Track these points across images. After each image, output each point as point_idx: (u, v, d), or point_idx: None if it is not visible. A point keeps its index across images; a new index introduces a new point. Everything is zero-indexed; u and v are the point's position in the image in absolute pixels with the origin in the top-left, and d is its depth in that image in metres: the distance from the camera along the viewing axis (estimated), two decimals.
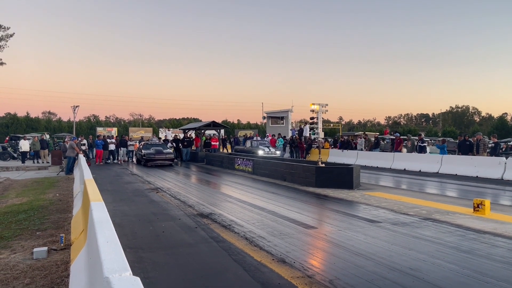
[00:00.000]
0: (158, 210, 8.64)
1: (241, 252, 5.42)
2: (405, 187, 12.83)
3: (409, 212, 8.15)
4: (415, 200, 9.74)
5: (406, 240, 6.02)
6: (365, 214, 8.01)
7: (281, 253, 5.34)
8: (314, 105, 13.33)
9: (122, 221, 7.47)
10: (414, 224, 7.10)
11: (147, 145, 22.67)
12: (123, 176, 16.32)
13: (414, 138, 22.03)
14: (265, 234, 6.40)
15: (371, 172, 17.29)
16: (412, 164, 18.29)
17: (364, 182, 13.35)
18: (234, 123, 71.62)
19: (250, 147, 24.36)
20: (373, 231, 6.59)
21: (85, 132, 50.14)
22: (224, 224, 7.12)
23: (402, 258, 5.12)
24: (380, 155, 21.16)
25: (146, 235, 6.40)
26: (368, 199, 9.94)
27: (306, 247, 5.73)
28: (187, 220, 7.52)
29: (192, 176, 17.24)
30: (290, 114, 38.68)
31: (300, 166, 13.27)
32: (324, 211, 8.83)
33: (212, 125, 25.54)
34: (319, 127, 13.73)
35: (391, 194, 10.80)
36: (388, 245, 5.73)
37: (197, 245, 5.80)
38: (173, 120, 75.95)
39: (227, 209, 8.62)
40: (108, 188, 12.35)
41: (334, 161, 21.40)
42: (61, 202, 9.80)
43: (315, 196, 10.70)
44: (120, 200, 9.97)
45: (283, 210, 8.51)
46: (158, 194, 11.04)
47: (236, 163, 18.48)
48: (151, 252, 5.44)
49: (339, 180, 11.90)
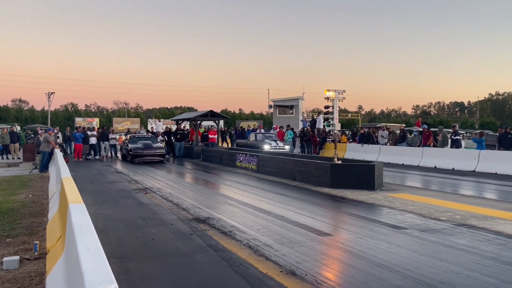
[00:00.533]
0: (147, 213, 8.67)
1: (244, 263, 5.44)
2: (436, 188, 12.79)
3: (440, 217, 8.13)
4: (448, 203, 9.71)
5: (437, 249, 6.01)
6: (389, 219, 8.00)
7: (290, 264, 5.35)
8: (329, 92, 13.18)
9: (105, 226, 7.51)
10: (446, 231, 7.09)
11: (134, 138, 22.74)
12: (106, 174, 16.39)
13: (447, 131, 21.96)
14: (272, 242, 6.42)
15: (395, 170, 17.26)
16: (444, 161, 18.24)
17: (388, 182, 13.33)
18: (235, 113, 71.76)
19: (254, 141, 24.35)
20: (398, 239, 6.58)
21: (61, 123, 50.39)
22: (224, 231, 7.14)
23: (432, 271, 5.11)
24: (406, 150, 21.10)
25: (134, 243, 6.43)
26: (392, 201, 9.92)
27: (320, 257, 5.74)
28: (181, 226, 7.55)
29: (186, 175, 17.27)
30: (300, 102, 38.60)
31: (313, 163, 13.26)
32: (340, 215, 8.82)
33: (210, 115, 25.55)
34: (335, 118, 13.64)
35: (419, 195, 10.77)
36: (415, 255, 5.72)
37: (192, 255, 5.82)
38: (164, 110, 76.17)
39: (228, 213, 8.64)
40: (89, 188, 12.41)
41: (353, 157, 21.35)
42: (35, 204, 9.86)
43: (330, 198, 10.70)
44: (103, 202, 10.02)
45: (293, 214, 8.52)
46: (147, 195, 11.08)
47: (237, 159, 18.51)
48: (139, 263, 5.47)
49: (358, 180, 11.88)
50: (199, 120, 26.68)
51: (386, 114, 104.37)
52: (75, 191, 5.89)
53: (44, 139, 17.94)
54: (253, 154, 17.51)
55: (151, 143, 21.83)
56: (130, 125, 46.68)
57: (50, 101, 50.61)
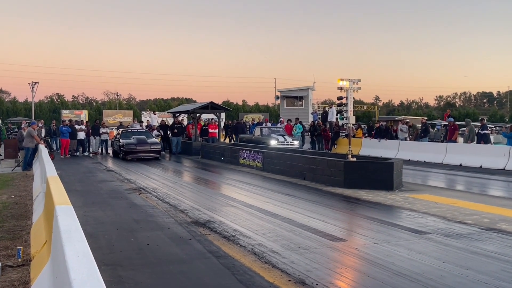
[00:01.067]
0: (141, 216, 8.70)
1: (248, 271, 5.45)
2: (461, 188, 12.76)
3: (466, 221, 8.11)
4: (474, 204, 9.69)
5: (463, 256, 6.00)
6: (409, 223, 7.99)
7: (299, 273, 5.36)
8: (343, 81, 13.15)
9: (95, 230, 7.54)
10: (473, 236, 7.07)
11: (126, 133, 22.79)
12: (96, 172, 16.45)
13: (474, 124, 21.86)
14: (279, 247, 6.43)
15: (416, 169, 17.22)
16: (470, 158, 18.18)
17: (408, 181, 13.30)
18: (238, 105, 71.78)
19: (260, 136, 24.31)
20: (419, 244, 6.57)
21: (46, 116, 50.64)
22: (226, 235, 7.16)
23: (457, 280, 5.10)
24: (428, 146, 21.04)
25: (127, 248, 6.46)
26: (413, 203, 9.91)
27: (332, 264, 5.74)
28: (179, 230, 7.57)
29: (184, 173, 17.31)
30: (311, 93, 38.55)
31: (324, 161, 13.26)
32: (355, 218, 8.82)
33: (210, 107, 25.58)
34: (349, 110, 13.62)
35: (442, 196, 10.75)
36: (438, 263, 5.72)
37: (191, 262, 5.84)
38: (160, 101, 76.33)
39: (230, 216, 8.66)
40: (77, 188, 12.47)
41: (369, 154, 21.33)
42: (18, 205, 9.91)
43: (344, 199, 10.70)
44: (93, 204, 10.07)
45: (302, 217, 8.52)
46: (141, 196, 11.12)
47: (241, 156, 18.53)
48: (133, 270, 5.49)
49: (374, 179, 11.87)
50: (198, 112, 26.71)
51: (406, 106, 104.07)
52: (62, 192, 5.91)
53: (27, 133, 18.00)
54: (258, 150, 17.53)
55: (145, 138, 21.85)
56: (122, 118, 46.86)
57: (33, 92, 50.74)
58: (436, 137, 25.10)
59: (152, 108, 58.60)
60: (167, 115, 41.22)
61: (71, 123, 24.76)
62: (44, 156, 12.41)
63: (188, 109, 27.74)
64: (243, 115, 47.87)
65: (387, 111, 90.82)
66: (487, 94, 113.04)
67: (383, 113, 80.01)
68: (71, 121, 25.85)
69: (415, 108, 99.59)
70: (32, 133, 17.71)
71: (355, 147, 22.05)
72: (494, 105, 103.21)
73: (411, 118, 35.66)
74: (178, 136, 25.46)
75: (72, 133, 23.24)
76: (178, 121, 26.71)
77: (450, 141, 20.34)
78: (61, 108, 56.78)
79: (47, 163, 10.06)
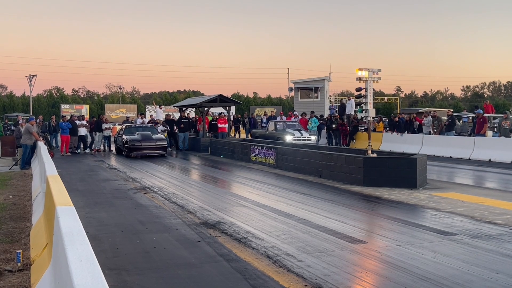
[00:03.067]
0: (147, 217, 8.75)
1: (261, 275, 5.46)
2: (491, 186, 12.65)
3: (496, 221, 8.05)
4: (505, 203, 9.62)
5: (492, 259, 5.96)
6: (434, 223, 7.95)
7: (316, 277, 5.36)
8: (362, 71, 13.06)
9: (98, 232, 7.60)
10: (504, 237, 7.02)
11: (130, 128, 22.89)
12: (98, 171, 16.56)
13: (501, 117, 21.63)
14: (294, 250, 6.43)
15: (442, 165, 17.12)
16: (500, 152, 18.03)
17: (433, 178, 13.23)
18: (249, 98, 71.82)
19: (274, 131, 24.22)
20: (445, 246, 6.54)
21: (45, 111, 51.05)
22: (238, 237, 7.18)
23: (486, 285, 5.08)
24: (454, 140, 20.90)
25: (132, 252, 6.50)
26: (438, 202, 9.86)
27: (352, 268, 5.74)
28: (187, 231, 7.61)
29: (192, 171, 17.37)
30: (327, 84, 38.40)
31: (342, 157, 13.23)
32: (376, 219, 8.79)
33: (219, 100, 25.61)
34: (368, 102, 13.53)
35: (470, 195, 10.68)
36: (466, 266, 5.69)
37: (201, 266, 5.86)
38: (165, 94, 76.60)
39: (242, 217, 8.68)
40: (78, 187, 12.57)
41: (390, 149, 21.25)
42: (16, 206, 10.02)
43: (363, 198, 10.67)
44: (96, 204, 10.14)
45: (319, 217, 8.52)
46: (146, 195, 11.18)
47: (252, 152, 18.55)
48: (138, 275, 5.53)
49: (396, 176, 11.82)
50: (207, 106, 26.78)
51: (430, 97, 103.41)
52: (63, 191, 5.96)
53: (25, 130, 18.14)
54: (270, 146, 17.52)
55: (150, 134, 21.91)
56: (125, 113, 47.12)
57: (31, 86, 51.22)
58: (463, 131, 24.94)
59: (158, 102, 58.82)
60: (173, 110, 41.32)
61: (72, 118, 24.89)
62: (44, 154, 12.50)
63: (195, 103, 27.78)
64: (254, 109, 47.88)
65: (410, 103, 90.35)
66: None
67: (405, 105, 79.57)
68: (72, 116, 25.97)
69: (439, 99, 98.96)
70: (31, 129, 17.82)
71: (375, 142, 21.97)
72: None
73: (435, 110, 35.38)
74: (185, 132, 25.51)
75: (72, 129, 23.36)
76: (185, 116, 26.76)
77: (479, 135, 20.17)
78: (61, 102, 57.19)
79: (47, 161, 10.13)
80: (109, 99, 74.08)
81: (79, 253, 3.19)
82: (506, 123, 20.23)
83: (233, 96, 60.83)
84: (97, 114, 31.19)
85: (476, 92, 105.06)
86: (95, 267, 2.94)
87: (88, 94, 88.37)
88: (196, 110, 29.92)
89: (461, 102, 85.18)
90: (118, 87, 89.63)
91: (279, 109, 45.52)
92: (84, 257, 3.12)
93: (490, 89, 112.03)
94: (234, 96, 60.96)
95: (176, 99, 59.55)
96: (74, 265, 2.96)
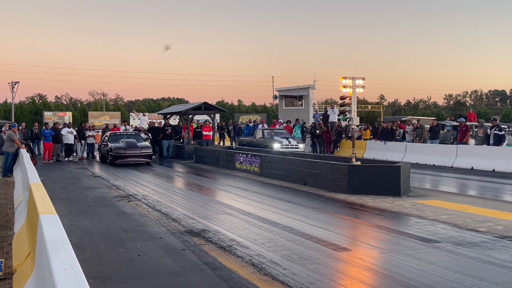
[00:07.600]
0: (130, 225, 8.70)
1: (246, 284, 5.46)
2: (474, 193, 12.79)
3: (479, 228, 8.13)
4: (488, 211, 9.72)
5: (475, 266, 6.02)
6: (418, 231, 8.01)
7: (301, 285, 5.37)
8: (346, 80, 13.22)
9: (82, 240, 7.53)
10: (487, 244, 7.09)
11: (115, 136, 22.76)
12: (81, 178, 16.43)
13: (487, 125, 21.89)
14: (279, 258, 6.44)
15: (425, 173, 17.27)
16: (482, 161, 18.22)
17: (416, 186, 13.34)
18: (233, 105, 71.78)
19: (262, 139, 24.15)
20: (429, 254, 6.59)
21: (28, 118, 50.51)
22: (223, 245, 7.16)
23: None
24: (437, 148, 21.09)
25: (116, 260, 6.46)
26: (422, 209, 9.94)
27: (336, 276, 5.76)
28: (171, 240, 7.58)
29: (176, 179, 17.31)
30: (311, 92, 38.64)
31: (327, 165, 13.28)
32: (360, 226, 8.83)
33: (204, 108, 25.59)
34: (352, 110, 13.68)
35: (453, 202, 10.78)
36: (450, 273, 5.73)
37: (185, 274, 5.85)
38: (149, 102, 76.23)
39: (226, 224, 8.67)
40: (61, 195, 12.46)
41: (374, 157, 21.38)
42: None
43: (348, 205, 10.72)
44: (79, 212, 10.06)
45: (303, 225, 8.54)
46: (130, 203, 11.11)
47: (237, 160, 18.55)
48: (122, 283, 5.50)
49: (380, 184, 11.90)
50: (191, 114, 26.74)
51: (413, 105, 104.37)
52: (46, 200, 5.92)
53: (7, 137, 17.94)
54: (255, 154, 17.54)
55: (135, 142, 21.79)
56: (109, 120, 46.76)
57: (14, 92, 50.64)
58: (445, 139, 25.21)
59: (141, 109, 58.56)
60: (157, 117, 41.19)
61: (55, 125, 24.66)
62: (26, 161, 12.39)
63: (180, 110, 27.74)
64: (239, 116, 47.93)
65: (393, 111, 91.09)
66: (500, 93, 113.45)
67: (388, 113, 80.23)
68: (55, 124, 25.70)
69: (422, 107, 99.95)
70: (13, 136, 17.65)
71: (359, 150, 22.11)
72: (507, 104, 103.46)
73: (418, 118, 35.75)
74: (169, 139, 25.43)
75: (55, 137, 23.17)
76: (169, 123, 26.70)
77: (461, 143, 20.38)
78: (44, 109, 56.56)
79: (29, 169, 10.05)
80: (93, 106, 73.46)
81: (63, 262, 3.18)
82: (480, 131, 20.54)
83: (217, 103, 60.81)
84: (79, 122, 30.94)
85: (458, 100, 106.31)
86: (80, 276, 2.93)
87: (71, 101, 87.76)
88: (181, 118, 29.84)
89: (443, 110, 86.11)
90: (101, 94, 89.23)
91: (263, 116, 45.59)
92: (69, 266, 3.10)
93: (472, 97, 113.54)
94: (218, 104, 60.94)
95: (160, 107, 59.33)
96: (59, 274, 2.94)
